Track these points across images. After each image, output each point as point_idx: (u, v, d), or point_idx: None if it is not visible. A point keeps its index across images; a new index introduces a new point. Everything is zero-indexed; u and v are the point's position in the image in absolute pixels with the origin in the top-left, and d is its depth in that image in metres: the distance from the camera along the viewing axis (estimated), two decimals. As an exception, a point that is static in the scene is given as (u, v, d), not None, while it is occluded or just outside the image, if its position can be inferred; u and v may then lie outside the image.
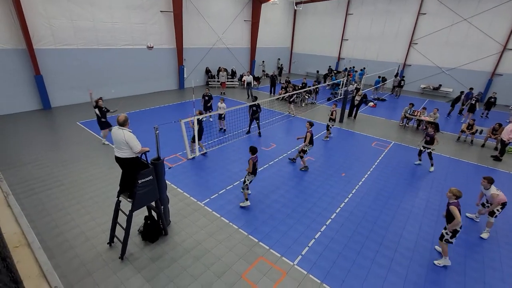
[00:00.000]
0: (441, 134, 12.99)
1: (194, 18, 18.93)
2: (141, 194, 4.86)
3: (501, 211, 6.11)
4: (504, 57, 18.94)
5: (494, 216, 6.13)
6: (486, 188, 6.13)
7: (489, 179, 6.06)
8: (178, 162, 8.92)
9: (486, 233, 6.25)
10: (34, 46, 12.43)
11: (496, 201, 5.96)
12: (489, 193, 6.07)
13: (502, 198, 6.00)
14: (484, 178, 6.13)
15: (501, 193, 6.03)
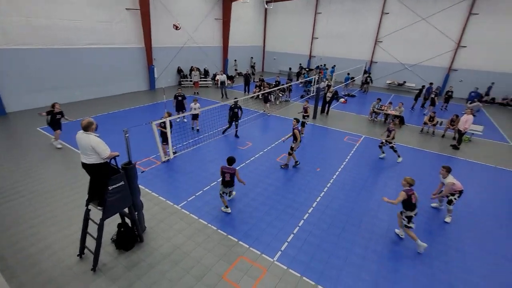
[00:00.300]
0: (406, 127, 13.84)
1: (162, 16, 18.34)
2: (112, 201, 4.63)
3: (458, 199, 6.52)
4: (458, 54, 20.60)
5: (452, 205, 6.53)
6: (444, 177, 6.50)
7: (447, 168, 6.46)
8: (151, 165, 8.61)
9: (448, 217, 6.70)
10: (-18, 46, 11.31)
11: (449, 187, 6.33)
12: (446, 181, 6.45)
13: (459, 186, 6.40)
14: (443, 167, 6.52)
15: (458, 182, 6.42)
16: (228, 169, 6.14)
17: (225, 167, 6.16)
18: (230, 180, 6.23)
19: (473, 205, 7.43)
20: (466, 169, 9.58)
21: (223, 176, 6.20)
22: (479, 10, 19.02)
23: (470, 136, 12.35)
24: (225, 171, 6.15)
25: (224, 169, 6.16)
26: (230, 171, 6.14)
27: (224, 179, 6.22)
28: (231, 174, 6.16)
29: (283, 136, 8.94)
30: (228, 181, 6.23)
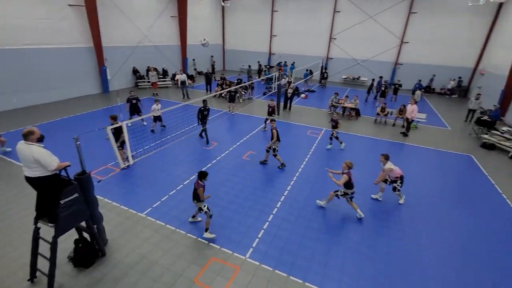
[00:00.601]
0: (361, 118, 14.82)
1: (112, 14, 17.13)
2: (65, 216, 4.22)
3: (402, 185, 7.03)
4: (402, 49, 22.58)
5: (397, 191, 7.07)
6: (384, 164, 6.97)
7: (385, 156, 6.94)
8: (110, 173, 8.05)
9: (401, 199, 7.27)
10: None
11: (385, 173, 6.85)
12: (384, 168, 6.89)
13: (398, 172, 6.90)
14: (382, 155, 7.00)
15: (397, 168, 6.88)
16: (197, 183, 5.53)
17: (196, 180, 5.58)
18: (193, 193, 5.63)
19: (420, 184, 8.24)
20: (415, 153, 10.58)
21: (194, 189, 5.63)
22: (417, 9, 21.04)
23: (416, 123, 13.65)
24: (195, 184, 5.60)
25: (195, 182, 5.62)
26: (195, 185, 5.56)
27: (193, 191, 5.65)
28: (194, 188, 5.57)
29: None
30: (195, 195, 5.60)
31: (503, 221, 6.79)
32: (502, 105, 14.59)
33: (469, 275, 5.12)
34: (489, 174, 9.13)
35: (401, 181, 7.02)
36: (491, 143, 11.40)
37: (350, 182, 6.35)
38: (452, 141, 12.00)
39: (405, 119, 12.63)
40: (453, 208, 7.21)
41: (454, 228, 6.45)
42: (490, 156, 10.66)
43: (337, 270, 5.08)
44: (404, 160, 9.98)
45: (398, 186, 7.04)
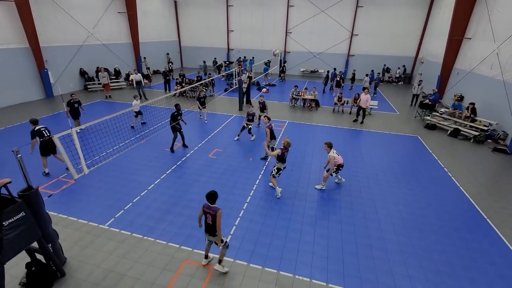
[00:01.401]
0: (321, 108, 15.50)
1: (49, 10, 15.43)
2: (11, 239, 3.75)
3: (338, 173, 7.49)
4: (353, 42, 23.97)
5: (330, 174, 7.41)
6: (328, 152, 7.27)
7: (328, 143, 7.28)
8: (62, 186, 7.34)
9: (320, 185, 7.56)
10: None
11: (332, 162, 7.17)
12: (328, 156, 7.20)
13: (338, 161, 7.28)
14: (325, 143, 7.32)
15: (339, 157, 7.28)
16: (209, 208, 4.48)
17: (207, 205, 4.54)
18: (212, 224, 4.50)
19: (375, 164, 8.93)
20: (370, 138, 11.40)
21: (205, 218, 4.59)
22: (363, 3, 22.44)
23: (370, 110, 14.67)
24: (206, 211, 4.52)
25: (205, 208, 4.53)
26: (211, 211, 4.46)
27: (206, 222, 4.60)
28: (212, 215, 4.44)
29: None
30: (210, 225, 4.54)
31: (447, 191, 7.67)
32: (439, 89, 16.36)
33: (423, 240, 5.71)
34: (432, 151, 10.22)
35: (337, 168, 7.37)
36: (433, 123, 12.75)
37: (283, 157, 6.95)
38: (401, 124, 13.16)
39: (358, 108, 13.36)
40: (405, 184, 7.95)
41: (406, 201, 7.12)
42: (432, 135, 11.92)
43: (309, 253, 5.31)
44: (361, 144, 10.70)
45: (333, 172, 7.42)
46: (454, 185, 8.04)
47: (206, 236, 4.74)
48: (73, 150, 5.40)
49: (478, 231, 6.13)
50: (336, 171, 7.49)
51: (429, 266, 5.13)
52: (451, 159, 9.70)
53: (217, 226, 4.45)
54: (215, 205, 4.48)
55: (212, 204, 4.48)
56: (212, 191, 4.52)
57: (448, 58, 16.01)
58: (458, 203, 7.16)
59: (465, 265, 5.18)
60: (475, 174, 8.68)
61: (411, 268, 5.08)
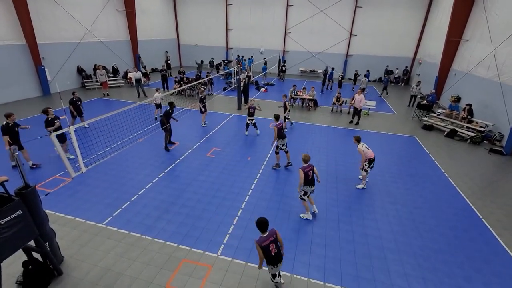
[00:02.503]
0: (319, 108, 15.52)
1: (46, 6, 15.29)
2: (8, 237, 3.72)
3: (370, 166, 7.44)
4: (352, 42, 24.02)
5: (365, 170, 7.49)
6: (356, 146, 7.40)
7: (357, 137, 7.46)
8: (59, 184, 7.30)
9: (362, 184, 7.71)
10: None
11: (363, 155, 7.29)
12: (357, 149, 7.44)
13: (369, 155, 7.35)
14: (354, 137, 7.50)
15: (369, 151, 7.33)
16: (269, 237, 3.93)
17: (263, 238, 3.90)
18: (278, 251, 4.01)
19: (374, 166, 8.95)
20: (368, 138, 11.43)
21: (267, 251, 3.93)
22: (362, 3, 22.48)
23: (367, 110, 14.73)
24: (266, 241, 3.89)
25: (263, 242, 3.88)
26: (271, 238, 3.94)
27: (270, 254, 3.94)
28: (274, 240, 3.96)
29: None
30: (276, 252, 3.98)
31: (443, 191, 7.73)
32: (437, 90, 16.46)
33: (419, 239, 5.76)
34: (429, 152, 10.29)
35: (369, 163, 7.34)
36: (430, 124, 12.83)
37: (308, 178, 5.88)
38: (399, 125, 13.23)
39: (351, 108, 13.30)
40: (402, 184, 8.00)
41: (403, 200, 7.16)
42: (430, 136, 11.99)
43: (307, 252, 5.33)
44: (360, 145, 10.73)
45: (365, 167, 7.35)
46: (450, 185, 8.10)
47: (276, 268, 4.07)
48: (71, 149, 5.36)
49: (473, 230, 6.19)
50: (369, 166, 7.36)
51: (425, 265, 5.17)
52: (448, 159, 9.77)
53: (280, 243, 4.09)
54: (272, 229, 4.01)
55: (265, 232, 3.92)
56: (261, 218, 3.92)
57: (446, 59, 16.10)
58: (454, 203, 7.22)
59: (461, 263, 5.23)
60: (471, 174, 8.76)
61: (408, 266, 5.12)
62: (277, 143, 8.35)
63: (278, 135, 8.14)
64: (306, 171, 5.84)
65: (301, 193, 6.11)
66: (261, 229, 3.90)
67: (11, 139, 7.25)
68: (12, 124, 7.31)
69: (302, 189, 6.01)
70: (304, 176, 5.81)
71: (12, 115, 7.34)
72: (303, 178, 5.81)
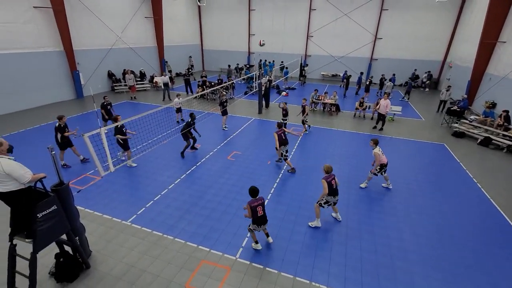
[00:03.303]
0: (342, 113, 15.22)
1: (82, 15, 16.40)
2: (44, 230, 4.01)
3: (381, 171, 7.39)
4: (377, 45, 23.37)
5: (374, 174, 7.49)
6: (373, 148, 7.38)
7: (374, 140, 7.39)
8: (90, 182, 7.74)
9: (364, 183, 7.71)
10: None
11: (377, 159, 7.21)
12: (372, 152, 7.35)
13: (383, 160, 7.28)
14: (371, 139, 7.45)
15: (383, 156, 7.28)
16: (258, 200, 5.18)
17: (253, 200, 5.15)
18: (264, 214, 5.24)
19: (399, 173, 8.61)
20: (393, 144, 11.02)
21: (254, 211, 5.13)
22: (388, 6, 21.85)
23: (392, 116, 14.21)
24: (255, 203, 5.13)
25: (253, 203, 5.12)
26: (260, 201, 5.20)
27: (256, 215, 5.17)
28: (262, 203, 5.23)
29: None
30: (262, 216, 5.23)
31: (476, 203, 7.24)
32: (469, 95, 15.52)
33: (447, 253, 5.42)
34: (460, 160, 9.70)
35: (381, 168, 7.38)
36: (461, 131, 12.10)
37: (331, 188, 5.87)
38: (426, 131, 12.62)
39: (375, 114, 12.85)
40: (429, 193, 7.60)
41: (431, 211, 6.79)
42: (460, 144, 11.32)
43: (326, 260, 5.21)
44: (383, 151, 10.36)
45: (376, 171, 7.40)
46: (483, 196, 7.58)
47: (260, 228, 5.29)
48: (101, 149, 5.68)
49: (510, 248, 5.73)
50: (380, 170, 7.40)
51: (453, 281, 4.86)
52: (481, 169, 9.15)
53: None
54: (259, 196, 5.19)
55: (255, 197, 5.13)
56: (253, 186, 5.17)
57: (480, 62, 15.18)
58: (488, 216, 6.73)
59: (494, 284, 4.86)
60: (507, 186, 8.13)
61: (434, 281, 4.84)
62: (281, 150, 8.45)
63: (280, 141, 8.24)
64: (329, 181, 5.82)
65: (322, 201, 6.00)
66: (252, 195, 5.13)
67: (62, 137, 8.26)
68: (63, 125, 8.19)
69: (325, 198, 5.94)
70: (327, 186, 5.77)
71: (63, 117, 8.20)
72: (327, 189, 5.76)
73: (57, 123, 8.15)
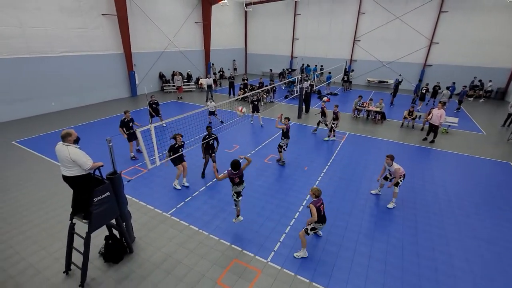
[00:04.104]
0: (387, 122, 14.29)
1: (141, 21, 18.01)
2: (98, 213, 4.47)
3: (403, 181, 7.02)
4: (432, 50, 21.53)
5: (398, 186, 6.97)
6: (390, 165, 6.94)
7: (391, 157, 6.88)
8: (138, 173, 8.42)
9: (392, 203, 7.10)
10: None
11: (399, 173, 6.80)
12: (392, 169, 6.89)
13: (403, 171, 6.90)
14: (387, 156, 6.93)
15: (401, 168, 6.90)
16: (236, 174, 5.73)
17: (232, 172, 5.69)
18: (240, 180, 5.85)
19: (452, 190, 7.77)
20: (445, 159, 10.00)
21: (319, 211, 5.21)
22: (448, 8, 20.00)
23: (447, 127, 12.92)
24: (233, 175, 5.71)
25: (231, 175, 5.71)
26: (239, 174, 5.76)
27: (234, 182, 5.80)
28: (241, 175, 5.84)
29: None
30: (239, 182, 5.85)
31: (549, 235, 6.21)
32: (546, 109, 13.40)
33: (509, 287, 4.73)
34: (531, 183, 8.41)
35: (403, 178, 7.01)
36: (534, 149, 10.50)
37: (320, 214, 5.20)
38: (488, 147, 11.20)
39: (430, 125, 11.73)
40: (489, 217, 6.71)
41: (489, 236, 5.99)
42: (532, 164, 9.81)
43: (362, 276, 4.92)
44: (432, 165, 9.48)
45: (400, 182, 6.96)
46: (560, 228, 6.45)
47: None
48: (150, 144, 6.13)
49: None
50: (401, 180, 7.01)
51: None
52: (558, 195, 7.82)
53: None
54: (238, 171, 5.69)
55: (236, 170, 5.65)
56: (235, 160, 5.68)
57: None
58: None
59: None
60: None
61: (490, 319, 4.26)
62: (282, 142, 8.95)
63: (284, 135, 8.92)
64: (318, 206, 5.18)
65: (310, 226, 5.33)
66: (233, 168, 5.61)
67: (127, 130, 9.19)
68: (128, 120, 9.09)
69: (313, 225, 5.32)
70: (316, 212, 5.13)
71: (127, 112, 9.09)
72: (316, 215, 5.09)
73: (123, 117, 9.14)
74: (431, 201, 7.36)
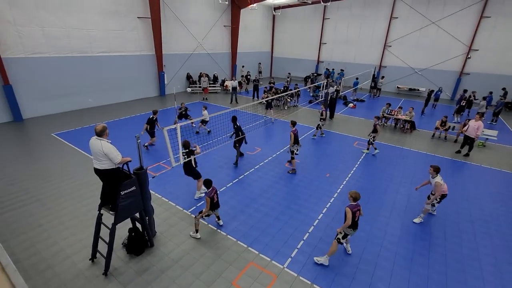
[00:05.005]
0: (417, 132, 13.60)
1: (172, 24, 18.75)
2: (124, 206, 4.69)
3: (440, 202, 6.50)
4: (471, 58, 20.19)
5: (432, 205, 6.49)
6: (433, 177, 6.35)
7: (435, 167, 6.30)
8: (162, 170, 8.72)
9: (419, 218, 6.62)
10: (2, 55, 11.78)
11: (439, 190, 6.21)
12: (433, 182, 6.31)
13: (444, 190, 6.30)
14: (431, 166, 6.38)
15: (445, 184, 6.31)
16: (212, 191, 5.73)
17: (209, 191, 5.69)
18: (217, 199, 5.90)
19: (487, 210, 7.19)
20: (481, 175, 9.30)
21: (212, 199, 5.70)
22: (491, 13, 18.68)
23: (484, 141, 12.03)
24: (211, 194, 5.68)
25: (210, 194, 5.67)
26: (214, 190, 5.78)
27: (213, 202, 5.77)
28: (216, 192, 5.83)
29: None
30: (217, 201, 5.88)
31: None
32: None
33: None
34: None
35: (441, 198, 6.47)
36: None
37: (354, 220, 5.01)
38: (532, 164, 10.25)
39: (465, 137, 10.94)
40: (531, 244, 6.13)
41: (531, 268, 5.47)
42: None
43: None
44: (466, 180, 8.85)
45: (435, 202, 6.48)
46: None
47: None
48: (175, 143, 6.34)
49: None
50: (439, 201, 6.52)
51: None
52: None
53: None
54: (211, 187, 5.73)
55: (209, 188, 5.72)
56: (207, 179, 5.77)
57: None
58: None
59: None
60: None
61: None
62: (292, 148, 8.57)
63: (294, 141, 8.41)
64: (354, 211, 4.96)
65: (341, 234, 5.14)
66: (206, 186, 5.70)
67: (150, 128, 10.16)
68: (155, 119, 10.05)
69: (345, 231, 5.11)
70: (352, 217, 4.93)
71: (157, 112, 10.17)
72: (351, 219, 4.90)
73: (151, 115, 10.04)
74: (464, 218, 6.86)
